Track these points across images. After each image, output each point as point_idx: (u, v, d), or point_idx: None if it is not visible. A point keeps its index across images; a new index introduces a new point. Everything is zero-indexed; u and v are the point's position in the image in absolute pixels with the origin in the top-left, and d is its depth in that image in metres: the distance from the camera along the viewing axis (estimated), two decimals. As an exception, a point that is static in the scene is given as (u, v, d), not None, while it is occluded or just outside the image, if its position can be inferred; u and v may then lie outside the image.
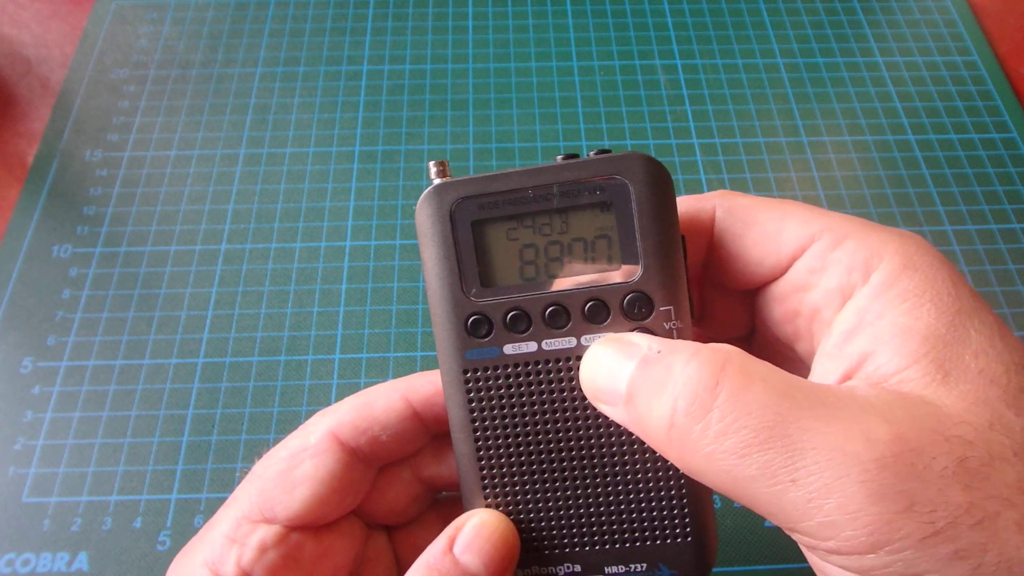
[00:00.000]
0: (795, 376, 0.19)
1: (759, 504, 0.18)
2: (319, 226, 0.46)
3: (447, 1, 0.58)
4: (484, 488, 0.24)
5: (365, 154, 0.50)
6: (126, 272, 0.44)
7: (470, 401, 0.23)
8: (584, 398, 0.23)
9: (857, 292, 0.21)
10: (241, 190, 0.48)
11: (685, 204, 0.24)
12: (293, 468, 0.24)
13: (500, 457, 0.24)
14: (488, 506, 0.24)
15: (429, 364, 0.42)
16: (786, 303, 0.24)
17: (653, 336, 0.22)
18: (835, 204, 0.48)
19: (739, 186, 0.48)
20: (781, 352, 0.26)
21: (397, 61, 0.54)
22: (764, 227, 0.23)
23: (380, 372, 0.41)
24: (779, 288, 0.24)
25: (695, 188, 0.48)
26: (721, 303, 0.27)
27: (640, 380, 0.20)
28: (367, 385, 0.41)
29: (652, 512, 0.23)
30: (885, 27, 0.57)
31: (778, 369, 0.19)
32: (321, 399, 0.40)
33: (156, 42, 0.55)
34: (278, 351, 0.42)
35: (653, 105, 0.52)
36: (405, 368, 0.41)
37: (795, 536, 0.18)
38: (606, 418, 0.23)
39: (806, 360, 0.24)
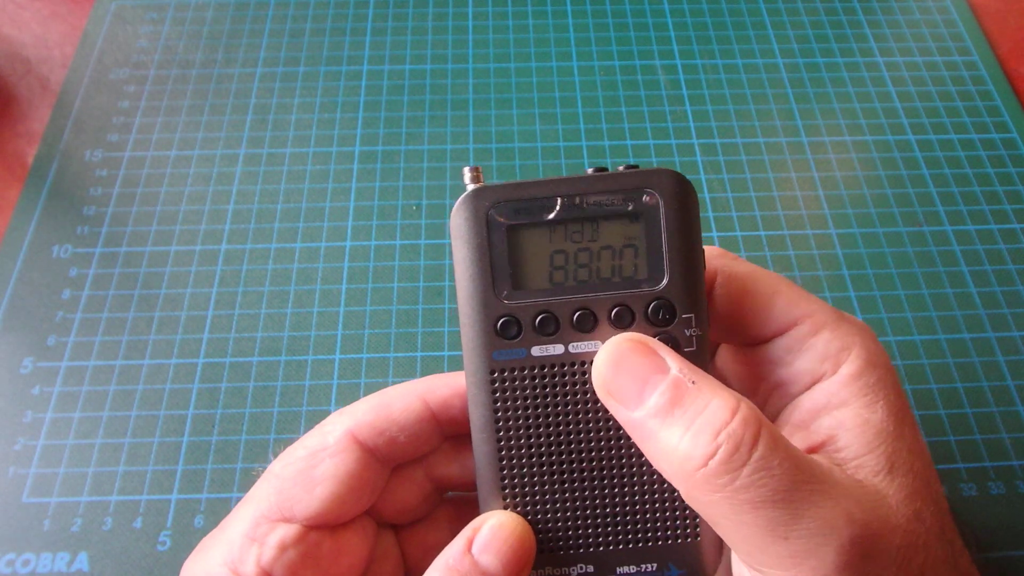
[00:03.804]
0: (796, 447, 0.21)
1: (743, 543, 0.21)
2: (319, 226, 0.46)
3: (447, 1, 0.58)
4: (503, 489, 0.24)
5: (365, 154, 0.50)
6: (126, 272, 0.44)
7: (495, 401, 0.24)
8: None
9: (827, 378, 0.24)
10: (241, 190, 0.48)
11: None
12: (313, 467, 0.24)
13: (521, 458, 0.24)
14: (506, 507, 0.24)
15: (429, 364, 0.42)
16: (753, 366, 0.26)
17: (678, 356, 0.22)
18: (835, 204, 0.48)
19: (739, 186, 0.48)
20: None
21: (397, 61, 0.54)
22: (755, 302, 0.25)
23: (380, 372, 0.41)
24: (750, 353, 0.26)
25: (695, 188, 0.48)
26: None
27: (671, 405, 0.21)
28: (367, 385, 0.41)
29: (664, 513, 0.24)
30: (885, 27, 0.57)
31: (786, 437, 0.21)
32: (321, 399, 0.40)
33: (156, 42, 0.55)
34: (278, 351, 0.42)
35: (653, 105, 0.52)
36: (405, 368, 0.41)
37: (754, 574, 0.21)
38: None
39: None
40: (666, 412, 0.21)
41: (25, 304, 0.43)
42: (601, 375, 0.23)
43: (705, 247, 0.25)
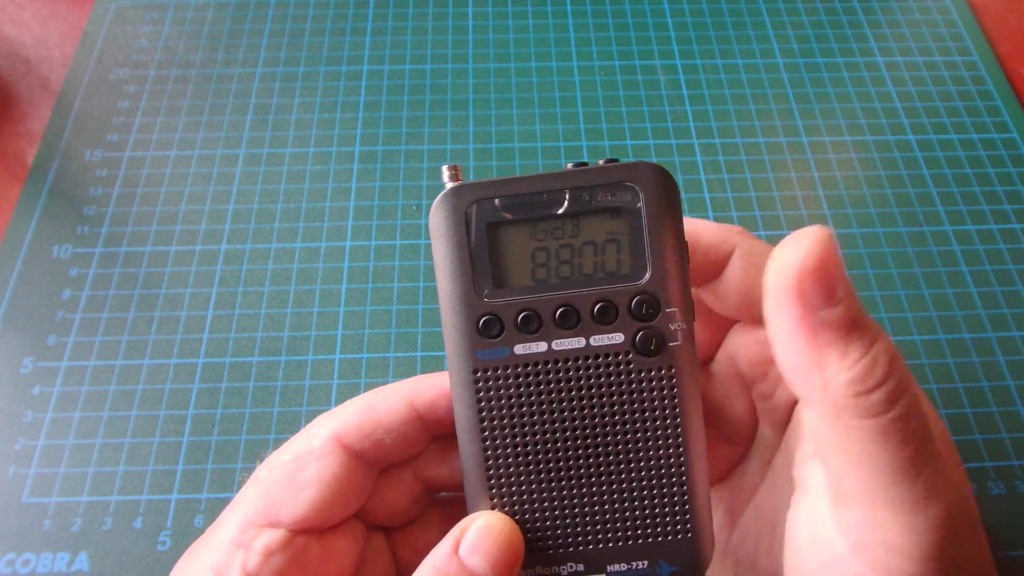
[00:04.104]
0: None
1: (870, 476, 0.20)
2: (319, 226, 0.46)
3: (447, 1, 0.58)
4: (490, 489, 0.24)
5: (365, 154, 0.50)
6: (126, 272, 0.44)
7: (479, 401, 0.24)
8: (592, 397, 0.23)
9: None
10: (241, 190, 0.48)
11: (709, 230, 0.25)
12: (298, 471, 0.24)
13: (507, 458, 0.24)
14: (493, 507, 0.24)
15: (429, 364, 0.42)
16: (764, 346, 0.25)
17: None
18: (835, 204, 0.48)
19: (739, 186, 0.48)
20: (733, 389, 0.27)
21: (397, 61, 0.54)
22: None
23: (380, 372, 0.41)
24: (762, 331, 0.24)
25: (695, 188, 0.48)
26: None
27: (854, 323, 0.20)
28: (367, 385, 0.41)
29: (654, 510, 0.24)
30: (885, 27, 0.57)
31: None
32: (321, 399, 0.40)
33: (156, 42, 0.55)
34: (278, 351, 0.42)
35: (653, 105, 0.52)
36: (405, 368, 0.41)
37: (853, 515, 0.20)
38: (612, 416, 0.23)
39: (757, 401, 0.26)
40: (848, 328, 0.20)
41: (25, 304, 0.43)
42: (796, 256, 0.20)
43: (725, 225, 0.25)
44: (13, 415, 0.40)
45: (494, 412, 0.24)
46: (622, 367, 0.23)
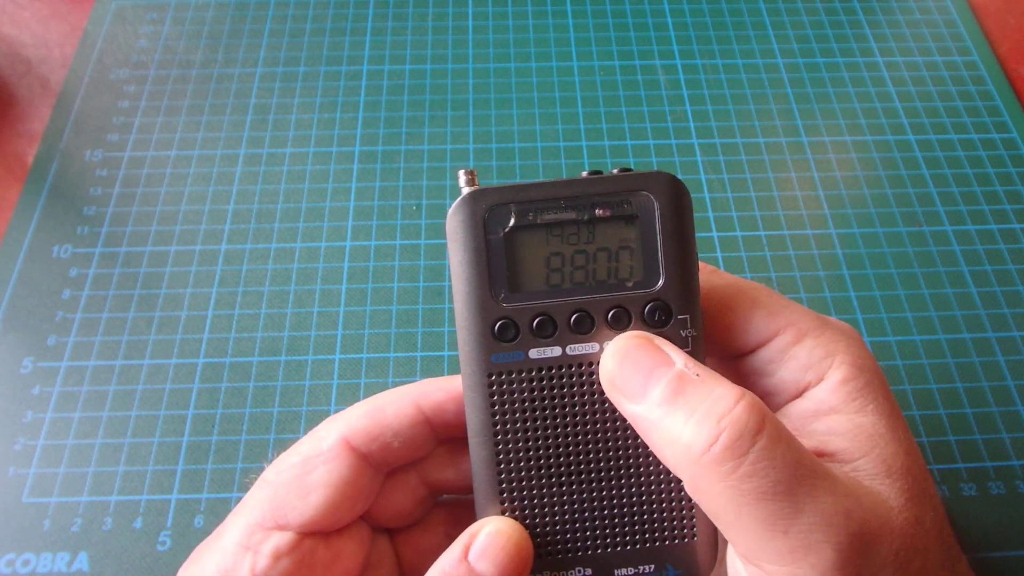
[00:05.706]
0: (800, 443, 0.21)
1: (743, 537, 0.21)
2: (319, 226, 0.46)
3: (447, 1, 0.58)
4: (500, 493, 0.24)
5: (365, 154, 0.50)
6: (126, 272, 0.44)
7: (492, 405, 0.24)
8: (604, 402, 0.23)
9: (813, 387, 0.24)
10: (241, 190, 0.48)
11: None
12: (306, 474, 0.24)
13: (518, 462, 0.24)
14: (503, 511, 0.24)
15: (429, 364, 0.42)
16: (737, 378, 0.25)
17: (682, 352, 0.23)
18: (835, 204, 0.48)
19: (739, 186, 0.48)
20: None
21: (397, 61, 0.54)
22: (736, 315, 0.25)
23: (380, 372, 0.41)
24: (734, 365, 0.26)
25: (695, 188, 0.48)
26: None
27: (675, 395, 0.21)
28: (367, 385, 0.41)
29: (661, 514, 0.24)
30: (885, 27, 0.57)
31: (790, 432, 0.21)
32: (321, 399, 0.40)
33: (156, 42, 0.55)
34: (278, 351, 0.42)
35: (653, 105, 0.52)
36: (405, 368, 0.41)
37: (751, 570, 0.21)
38: (622, 421, 0.23)
39: None
40: (670, 402, 0.21)
41: (25, 304, 0.43)
42: (607, 370, 0.23)
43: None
44: (13, 415, 0.40)
45: (507, 416, 0.24)
46: None
